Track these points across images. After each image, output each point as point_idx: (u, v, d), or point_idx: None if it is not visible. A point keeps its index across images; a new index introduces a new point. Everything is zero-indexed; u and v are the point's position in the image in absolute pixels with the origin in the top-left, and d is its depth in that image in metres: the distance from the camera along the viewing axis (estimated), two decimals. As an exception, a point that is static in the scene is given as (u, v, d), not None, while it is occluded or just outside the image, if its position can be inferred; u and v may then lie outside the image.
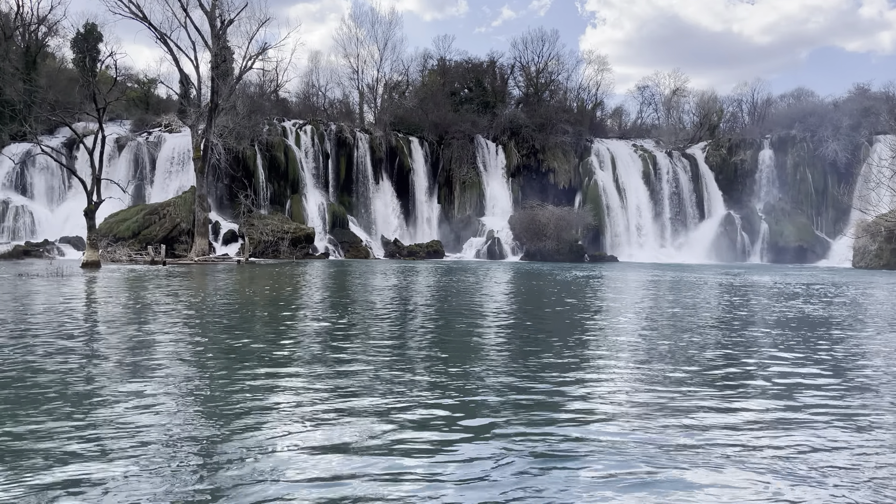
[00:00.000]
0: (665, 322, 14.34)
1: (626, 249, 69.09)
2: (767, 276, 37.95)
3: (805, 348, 10.88)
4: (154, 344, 10.33)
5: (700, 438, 5.85)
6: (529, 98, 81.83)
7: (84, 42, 65.28)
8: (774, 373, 8.82)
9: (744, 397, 7.46)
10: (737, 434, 6.02)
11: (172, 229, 51.39)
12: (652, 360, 9.55)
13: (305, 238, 56.25)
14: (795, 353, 10.33)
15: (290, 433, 5.78)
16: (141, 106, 70.12)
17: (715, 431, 6.08)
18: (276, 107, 71.40)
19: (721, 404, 7.10)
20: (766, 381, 8.34)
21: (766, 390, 7.82)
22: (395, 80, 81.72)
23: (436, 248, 63.41)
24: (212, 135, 49.37)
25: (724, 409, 6.93)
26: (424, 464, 5.10)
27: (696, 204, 73.91)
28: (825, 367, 9.22)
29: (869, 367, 9.36)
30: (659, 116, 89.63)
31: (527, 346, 10.82)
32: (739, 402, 7.21)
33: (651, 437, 5.87)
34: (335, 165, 66.62)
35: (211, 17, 49.27)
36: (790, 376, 8.60)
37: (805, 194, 71.74)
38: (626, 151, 76.84)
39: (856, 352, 10.70)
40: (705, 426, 6.24)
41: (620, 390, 7.69)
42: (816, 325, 14.04)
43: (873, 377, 8.70)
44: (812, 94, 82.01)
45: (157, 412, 6.36)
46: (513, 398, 7.18)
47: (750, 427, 6.27)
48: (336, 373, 8.29)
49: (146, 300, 17.73)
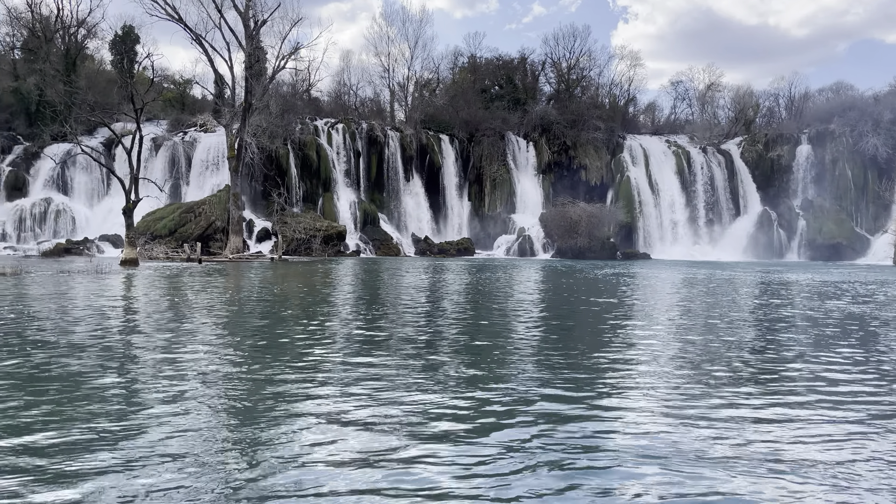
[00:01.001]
0: (701, 323, 14.17)
1: (660, 246, 68.25)
2: (806, 273, 37.18)
3: (850, 351, 10.67)
4: (191, 341, 10.54)
5: (736, 445, 5.79)
6: (560, 94, 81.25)
7: (122, 44, 66.67)
8: (820, 379, 8.66)
9: (786, 405, 7.34)
10: (779, 444, 5.94)
11: (208, 227, 52.22)
12: (688, 364, 9.45)
13: (337, 236, 56.71)
14: (840, 357, 10.13)
15: (321, 437, 5.85)
16: (177, 106, 71.37)
17: (752, 439, 6.00)
18: (308, 106, 72.06)
19: (760, 412, 7.00)
20: (810, 387, 8.19)
21: (811, 397, 7.68)
22: (426, 78, 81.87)
23: (466, 246, 63.40)
24: (246, 134, 50.05)
25: (765, 418, 6.83)
26: (452, 471, 5.13)
27: (731, 200, 72.65)
28: (870, 371, 9.03)
29: (912, 370, 9.15)
30: (693, 112, 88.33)
31: (557, 348, 10.78)
32: (781, 410, 7.10)
33: (689, 446, 5.82)
34: (366, 163, 67.01)
35: (245, 18, 49.93)
36: (837, 383, 8.44)
37: (844, 190, 70.03)
38: (660, 147, 75.86)
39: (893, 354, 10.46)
40: (742, 433, 6.17)
41: (656, 398, 7.61)
42: (861, 326, 13.74)
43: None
44: (851, 87, 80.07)
45: (190, 410, 6.50)
46: (544, 405, 7.17)
47: (794, 438, 6.18)
48: (368, 374, 8.37)
49: (184, 297, 18.09)
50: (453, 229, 68.81)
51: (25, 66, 64.25)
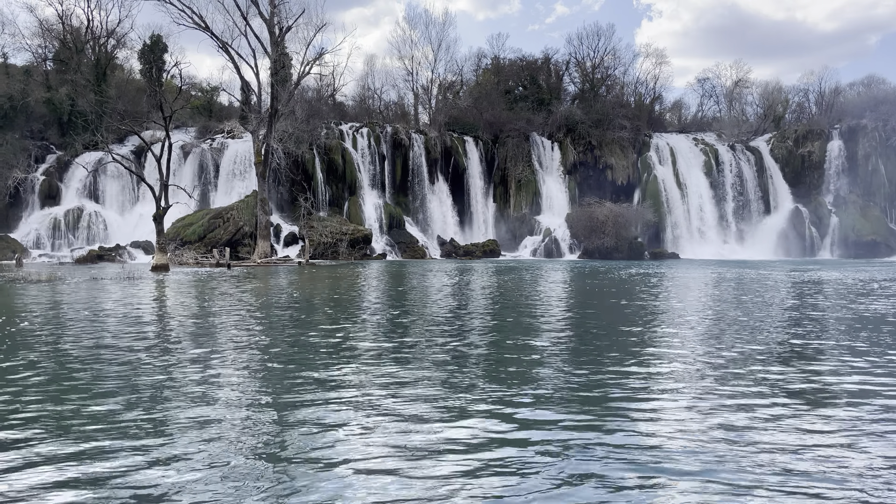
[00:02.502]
0: (732, 327, 13.94)
1: (688, 246, 67.44)
2: (840, 272, 36.44)
3: (884, 354, 10.42)
4: (221, 346, 10.64)
5: (767, 455, 5.67)
6: (585, 94, 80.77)
7: (150, 53, 67.79)
8: (857, 388, 8.48)
9: (822, 418, 7.19)
10: (816, 459, 5.82)
11: (236, 232, 52.83)
12: (720, 371, 9.31)
13: (363, 239, 57.00)
14: (878, 363, 9.90)
15: (348, 442, 5.86)
16: (204, 113, 72.38)
17: (784, 449, 5.88)
18: (333, 110, 72.59)
19: (793, 422, 6.86)
20: (847, 398, 8.02)
21: (849, 411, 7.52)
22: (450, 81, 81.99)
23: (492, 248, 63.28)
24: (272, 140, 50.55)
25: (798, 427, 6.69)
26: (476, 476, 5.10)
27: (761, 198, 71.56)
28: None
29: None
30: (721, 109, 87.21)
31: (584, 353, 10.68)
32: (817, 423, 6.95)
33: (724, 459, 5.72)
34: (391, 167, 67.27)
35: (270, 25, 50.45)
36: (876, 394, 8.24)
37: (878, 186, 68.56)
38: (687, 145, 75.02)
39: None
40: (775, 443, 6.05)
41: (686, 407, 7.51)
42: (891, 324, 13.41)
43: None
44: (884, 81, 78.54)
45: (218, 415, 6.55)
46: (569, 411, 7.11)
47: (829, 450, 6.05)
48: (395, 377, 8.37)
49: (214, 302, 18.29)
50: (479, 231, 68.75)
51: (57, 77, 65.67)
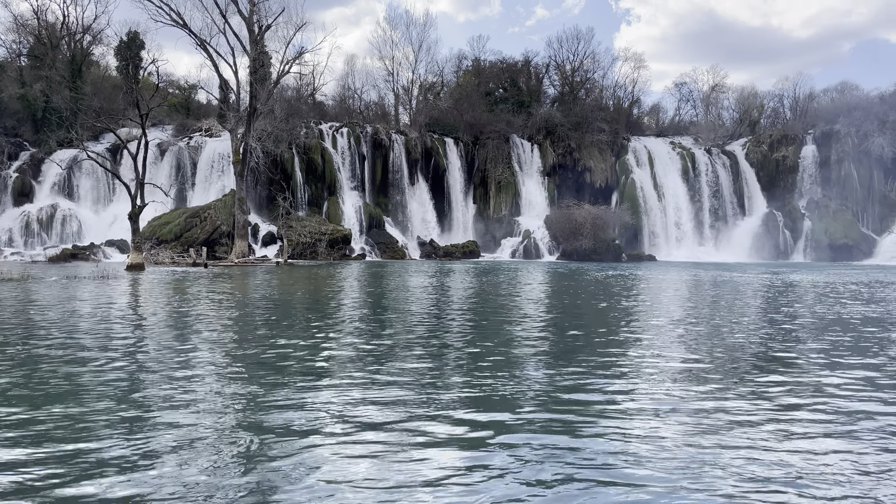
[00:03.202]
0: (706, 328, 14.14)
1: (665, 248, 68.15)
2: (812, 274, 37.05)
3: (856, 355, 10.64)
4: (196, 346, 10.57)
5: (743, 457, 5.78)
6: (565, 97, 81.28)
7: (127, 50, 66.97)
8: (827, 387, 8.65)
9: (794, 418, 7.34)
10: (792, 458, 5.94)
11: (213, 232, 52.37)
12: (693, 371, 9.45)
13: (342, 239, 56.82)
14: (848, 363, 10.11)
15: (326, 443, 5.87)
16: (182, 111, 71.65)
17: (761, 450, 6.00)
18: (312, 110, 72.24)
19: (770, 423, 6.99)
20: (820, 397, 8.18)
21: (821, 409, 7.67)
22: (430, 82, 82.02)
23: (471, 249, 63.41)
24: (251, 138, 50.18)
25: (776, 430, 6.82)
26: (455, 476, 5.14)
27: (736, 201, 72.54)
28: (874, 373, 9.00)
29: (921, 370, 9.11)
30: (697, 113, 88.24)
31: (561, 353, 10.77)
32: (789, 421, 7.09)
33: (694, 457, 5.82)
34: (371, 167, 67.13)
35: (249, 23, 50.10)
36: (845, 390, 8.42)
37: (850, 190, 69.84)
38: (664, 149, 75.81)
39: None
40: (746, 439, 6.16)
41: (662, 409, 7.62)
42: (870, 328, 13.69)
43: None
44: (857, 87, 79.92)
45: (195, 416, 6.52)
46: (549, 412, 7.17)
47: (807, 449, 6.17)
48: (373, 379, 8.38)
49: (190, 302, 18.14)
50: (458, 232, 68.86)
51: (32, 73, 64.61)
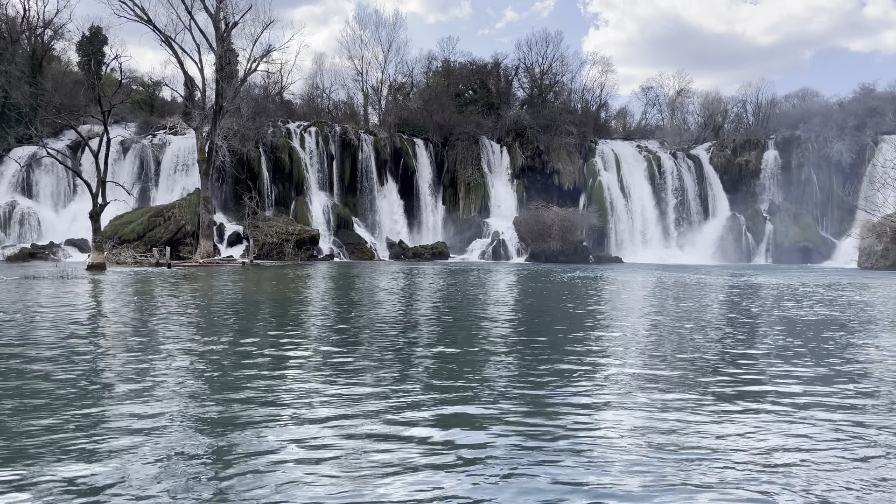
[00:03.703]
0: (670, 330, 14.31)
1: (631, 250, 68.99)
2: (773, 277, 37.83)
3: (813, 355, 10.86)
4: (158, 348, 10.36)
5: (704, 456, 5.83)
6: (534, 99, 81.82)
7: (89, 45, 65.55)
8: (784, 385, 8.80)
9: (754, 412, 7.44)
10: (746, 453, 6.01)
11: (177, 231, 51.52)
12: (651, 366, 9.54)
13: (310, 240, 56.35)
14: (804, 361, 10.31)
15: (293, 441, 5.78)
16: (146, 108, 70.36)
17: (723, 448, 6.07)
18: (280, 109, 71.54)
19: (730, 422, 7.09)
20: (780, 394, 8.32)
21: (778, 404, 7.80)
22: (400, 82, 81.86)
23: (441, 250, 63.41)
24: (216, 137, 49.49)
25: (734, 431, 6.91)
26: (423, 480, 5.10)
27: (700, 205, 73.80)
28: (831, 372, 9.19)
29: (882, 377, 9.33)
30: (663, 117, 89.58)
31: (529, 353, 10.80)
32: (749, 419, 7.19)
33: (655, 454, 5.86)
34: (339, 167, 66.71)
35: (215, 20, 49.42)
36: (800, 387, 8.58)
37: (810, 195, 71.53)
38: (631, 152, 76.77)
39: (866, 359, 10.66)
40: (711, 439, 6.23)
41: (627, 406, 7.67)
42: (827, 330, 14.00)
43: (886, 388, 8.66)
44: (817, 94, 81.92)
45: (160, 418, 6.38)
46: (516, 410, 7.18)
47: (762, 447, 6.26)
48: (340, 378, 8.30)
49: (151, 303, 17.79)
50: (428, 233, 68.81)
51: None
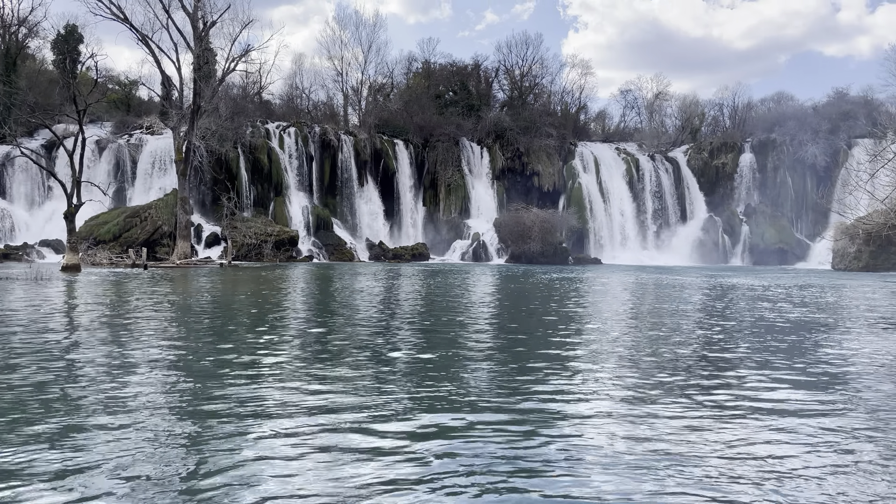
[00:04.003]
0: (647, 329, 14.45)
1: (610, 251, 69.48)
2: (749, 278, 38.31)
3: (784, 355, 11.02)
4: (133, 351, 10.25)
5: (681, 453, 5.90)
6: (514, 101, 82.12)
7: (64, 43, 64.62)
8: (756, 385, 8.93)
9: (727, 410, 7.54)
10: (720, 450, 6.09)
11: (154, 232, 50.96)
12: (628, 369, 9.63)
13: (289, 241, 56.02)
14: (775, 360, 10.46)
15: (270, 445, 5.76)
16: (122, 108, 69.50)
17: (697, 445, 6.14)
18: (259, 109, 71.05)
19: (703, 420, 7.17)
20: (751, 392, 8.43)
21: (753, 404, 7.91)
22: (380, 83, 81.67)
23: (421, 251, 63.38)
24: (194, 137, 49.03)
25: (707, 427, 7.00)
26: (401, 476, 5.11)
27: (678, 207, 74.54)
28: (801, 373, 9.34)
29: (856, 377, 9.50)
30: (642, 120, 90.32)
31: (507, 354, 10.85)
32: (725, 418, 7.28)
33: (634, 455, 5.92)
34: (319, 168, 66.41)
35: (193, 19, 48.97)
36: (775, 389, 8.70)
37: (785, 197, 72.59)
38: (610, 154, 77.34)
39: (840, 362, 10.85)
40: (686, 441, 6.30)
41: (603, 407, 7.74)
42: (797, 330, 14.21)
43: (862, 390, 8.82)
44: (792, 98, 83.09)
45: (134, 422, 6.31)
46: (492, 416, 7.21)
47: (735, 442, 6.34)
48: (318, 380, 8.27)
49: (127, 305, 17.59)
50: (408, 234, 68.73)
51: (-39, 65, 61.65)
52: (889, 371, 9.52)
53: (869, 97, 74.56)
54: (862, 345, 12.03)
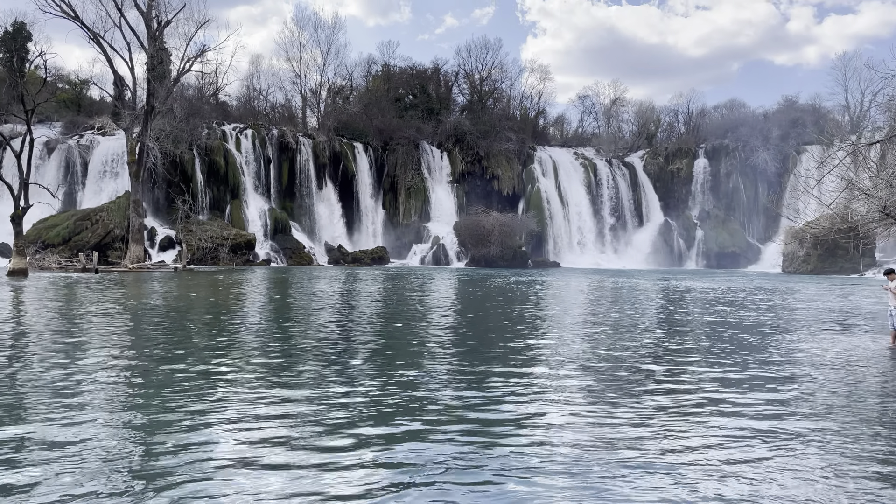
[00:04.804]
0: (601, 335, 14.60)
1: (568, 255, 70.28)
2: (703, 281, 39.14)
3: (737, 357, 11.25)
4: (81, 358, 9.91)
5: (637, 451, 5.95)
6: (473, 105, 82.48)
7: (12, 41, 62.48)
8: (711, 387, 9.07)
9: (681, 412, 7.63)
10: (674, 449, 6.15)
11: (105, 236, 49.62)
12: (584, 374, 9.70)
13: (246, 244, 55.15)
14: (728, 362, 10.67)
15: (225, 452, 5.61)
16: (72, 108, 67.56)
17: (647, 443, 6.20)
18: (215, 110, 69.87)
19: (659, 422, 7.25)
20: (706, 395, 8.56)
21: (711, 407, 8.03)
22: (339, 85, 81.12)
23: (380, 255, 63.10)
24: (147, 138, 47.93)
25: (660, 427, 7.07)
26: (356, 479, 5.03)
27: (634, 211, 75.85)
28: (753, 374, 9.54)
29: (805, 379, 9.73)
30: (599, 125, 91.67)
31: (466, 358, 10.84)
32: (677, 418, 7.37)
33: (591, 455, 5.93)
34: (277, 170, 65.61)
35: (147, 18, 47.91)
36: (725, 388, 8.86)
37: (737, 202, 74.53)
38: (568, 159, 78.28)
39: (788, 360, 11.11)
40: (641, 440, 6.35)
41: (558, 408, 7.77)
42: (750, 332, 14.53)
43: (809, 391, 9.03)
44: (744, 105, 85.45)
45: (83, 429, 6.09)
46: (450, 419, 7.17)
47: (688, 442, 6.41)
48: (272, 388, 8.12)
49: (75, 310, 17.04)
50: (367, 238, 68.37)
51: None
52: (837, 371, 9.80)
53: (817, 105, 77.22)
54: (810, 346, 12.36)
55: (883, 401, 8.12)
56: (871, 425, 6.88)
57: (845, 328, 15.57)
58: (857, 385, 8.96)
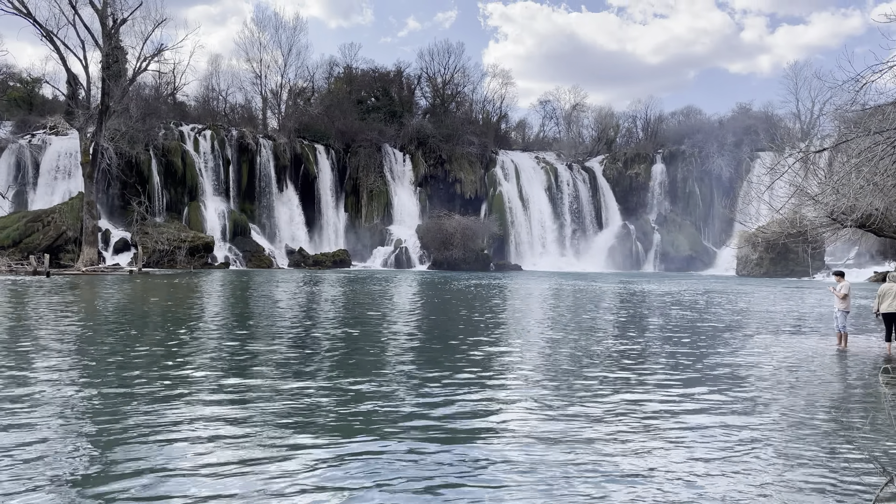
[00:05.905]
0: (561, 338, 14.77)
1: (530, 258, 70.87)
2: (661, 284, 39.88)
3: (694, 358, 11.50)
4: (30, 367, 9.64)
5: (597, 451, 6.05)
6: (436, 109, 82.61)
7: (-42, 35, 60.41)
8: (669, 389, 9.27)
9: (642, 411, 7.78)
10: (634, 450, 6.27)
11: (58, 238, 48.25)
12: (545, 378, 9.82)
13: (204, 247, 54.21)
14: (686, 362, 10.91)
15: (181, 461, 5.54)
16: (24, 106, 65.53)
17: (611, 445, 6.31)
18: (173, 110, 68.54)
19: (618, 424, 7.38)
20: (664, 397, 8.74)
21: (668, 407, 8.20)
22: (300, 87, 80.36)
23: (342, 258, 62.67)
24: (102, 138, 46.79)
25: (619, 431, 7.20)
26: (319, 483, 5.02)
27: (594, 215, 76.89)
28: (708, 374, 9.78)
29: (758, 378, 10.00)
30: (560, 130, 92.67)
31: (423, 364, 10.87)
32: (635, 416, 7.51)
33: (555, 456, 6.01)
34: (236, 172, 64.66)
35: (102, 16, 46.78)
36: (680, 385, 9.06)
37: (693, 206, 76.16)
38: (530, 163, 78.97)
39: (741, 362, 11.41)
40: (602, 440, 6.46)
41: (520, 411, 7.85)
42: (705, 334, 14.87)
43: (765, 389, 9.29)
44: (700, 112, 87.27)
45: (36, 437, 5.94)
46: (414, 418, 7.20)
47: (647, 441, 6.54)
48: (228, 395, 8.04)
49: (25, 315, 16.55)
50: (329, 241, 67.84)
51: None
52: (785, 372, 10.11)
53: (769, 112, 79.32)
54: (761, 348, 12.72)
55: (828, 401, 8.41)
56: (816, 425, 7.13)
57: (795, 330, 16.06)
58: (805, 386, 9.26)
